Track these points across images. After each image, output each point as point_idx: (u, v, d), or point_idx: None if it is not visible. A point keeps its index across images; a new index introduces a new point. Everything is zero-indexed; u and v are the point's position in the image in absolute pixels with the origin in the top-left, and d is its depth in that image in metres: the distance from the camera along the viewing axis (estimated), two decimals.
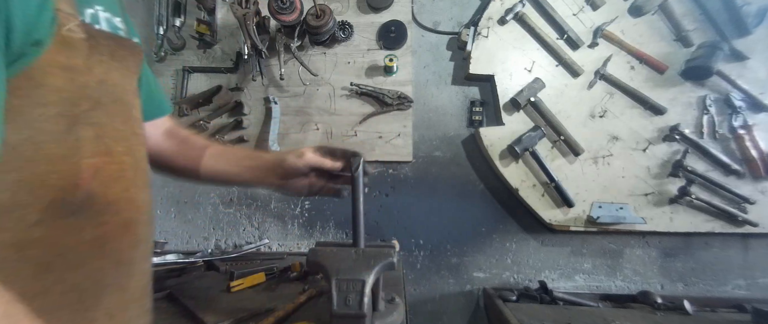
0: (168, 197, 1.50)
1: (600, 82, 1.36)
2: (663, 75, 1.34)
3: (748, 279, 1.39)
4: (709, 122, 1.33)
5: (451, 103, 1.47)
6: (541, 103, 1.36)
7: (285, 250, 1.48)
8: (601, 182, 1.36)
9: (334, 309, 0.50)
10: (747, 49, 1.30)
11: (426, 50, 1.47)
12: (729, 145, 1.33)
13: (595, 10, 1.36)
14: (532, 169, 1.37)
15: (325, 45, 1.44)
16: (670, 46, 1.35)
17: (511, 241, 1.45)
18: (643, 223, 1.33)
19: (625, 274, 1.42)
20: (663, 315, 1.15)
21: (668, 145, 1.35)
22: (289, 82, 1.45)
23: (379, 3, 1.42)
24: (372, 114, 1.42)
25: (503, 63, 1.38)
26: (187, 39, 1.45)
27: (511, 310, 1.14)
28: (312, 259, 0.57)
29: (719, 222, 1.34)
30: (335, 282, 0.52)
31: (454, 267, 1.45)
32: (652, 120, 1.35)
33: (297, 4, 1.28)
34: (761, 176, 1.31)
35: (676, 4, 1.33)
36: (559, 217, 1.37)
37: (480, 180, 1.45)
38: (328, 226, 1.49)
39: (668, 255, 1.41)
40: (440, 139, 1.47)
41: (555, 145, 1.37)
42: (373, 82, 1.43)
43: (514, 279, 1.44)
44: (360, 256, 0.57)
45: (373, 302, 0.69)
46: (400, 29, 1.41)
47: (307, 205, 1.49)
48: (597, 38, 1.35)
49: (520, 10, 1.35)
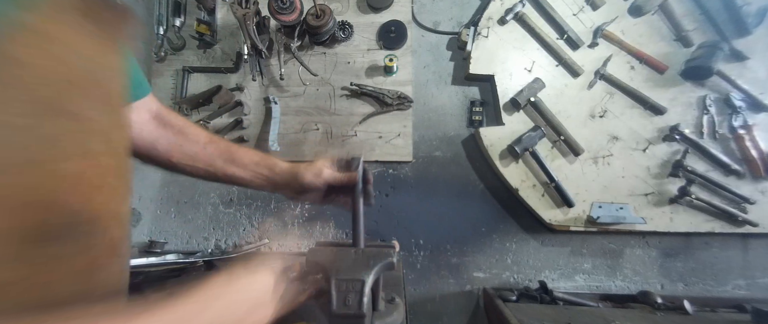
0: (168, 197, 1.50)
1: (600, 82, 1.36)
2: (663, 75, 1.34)
3: (748, 279, 1.39)
4: (709, 122, 1.33)
5: (451, 103, 1.47)
6: (541, 103, 1.35)
7: (285, 250, 1.48)
8: (601, 182, 1.36)
9: (334, 309, 0.50)
10: (747, 49, 1.30)
11: (426, 50, 1.47)
12: (729, 145, 1.33)
13: (595, 10, 1.36)
14: (532, 169, 1.37)
15: (325, 45, 1.44)
16: (670, 46, 1.35)
17: (511, 241, 1.45)
18: (643, 223, 1.33)
19: (625, 274, 1.42)
20: (663, 315, 1.14)
21: (668, 145, 1.35)
22: (289, 82, 1.45)
23: (379, 3, 1.42)
24: (372, 114, 1.42)
25: (503, 63, 1.38)
26: (187, 39, 1.45)
27: (511, 310, 1.14)
28: (311, 258, 0.57)
29: (719, 222, 1.34)
30: (334, 282, 0.51)
31: (454, 267, 1.45)
32: (652, 120, 1.35)
33: (297, 4, 1.28)
34: (761, 176, 1.31)
35: (676, 4, 1.33)
36: (559, 217, 1.37)
37: (480, 180, 1.45)
38: (328, 226, 1.49)
39: (668, 255, 1.41)
40: (440, 139, 1.47)
41: (555, 145, 1.37)
42: (373, 82, 1.43)
43: (514, 279, 1.44)
44: (360, 256, 0.57)
45: (373, 302, 0.68)
46: (400, 29, 1.41)
47: (307, 205, 1.49)
48: (597, 38, 1.34)
49: (520, 10, 1.35)
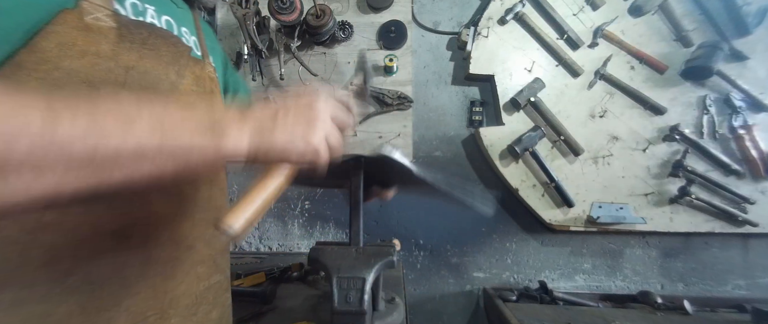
0: None
1: (600, 82, 1.36)
2: (663, 75, 1.34)
3: (748, 279, 1.39)
4: (709, 122, 1.33)
5: (451, 103, 1.47)
6: (541, 103, 1.36)
7: (285, 250, 1.48)
8: (601, 182, 1.36)
9: (335, 306, 0.50)
10: (747, 49, 1.31)
11: (426, 50, 1.48)
12: (729, 145, 1.34)
13: (595, 10, 1.36)
14: (532, 169, 1.37)
15: (325, 45, 1.44)
16: (670, 46, 1.35)
17: (511, 241, 1.45)
18: (643, 223, 1.33)
19: (625, 274, 1.42)
20: (663, 315, 1.14)
21: (668, 145, 1.35)
22: (289, 82, 1.45)
23: (379, 3, 1.42)
24: (372, 114, 1.43)
25: (503, 63, 1.39)
26: None
27: (511, 310, 1.14)
28: (313, 257, 0.57)
29: (719, 222, 1.34)
30: (336, 279, 0.52)
31: (454, 267, 1.45)
32: (652, 120, 1.35)
33: (297, 4, 1.28)
34: (761, 176, 1.31)
35: (676, 4, 1.33)
36: (559, 217, 1.37)
37: (480, 180, 1.45)
38: (328, 226, 1.49)
39: (668, 255, 1.41)
40: (440, 139, 1.47)
41: (555, 145, 1.37)
42: (373, 82, 1.43)
43: (514, 279, 1.44)
44: (361, 255, 0.57)
45: (374, 301, 0.69)
46: (400, 29, 1.42)
47: (307, 205, 1.49)
48: (597, 38, 1.35)
49: (520, 10, 1.36)
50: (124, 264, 0.42)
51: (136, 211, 0.43)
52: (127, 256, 0.42)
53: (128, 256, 0.43)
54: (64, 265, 0.38)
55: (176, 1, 0.56)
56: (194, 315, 0.51)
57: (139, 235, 0.43)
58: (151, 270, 0.45)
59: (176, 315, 0.48)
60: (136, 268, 0.43)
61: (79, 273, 0.39)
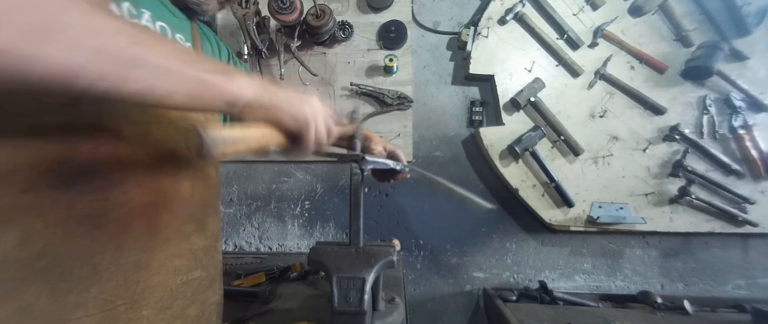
0: None
1: (600, 82, 1.36)
2: (663, 75, 1.34)
3: (748, 279, 1.39)
4: (709, 122, 1.33)
5: (451, 103, 1.47)
6: (541, 103, 1.36)
7: (285, 250, 1.48)
8: (601, 182, 1.36)
9: (335, 306, 0.50)
10: (747, 49, 1.31)
11: (426, 50, 1.48)
12: (729, 145, 1.34)
13: (595, 10, 1.36)
14: (532, 169, 1.37)
15: (325, 45, 1.44)
16: (670, 46, 1.35)
17: (511, 241, 1.45)
18: (643, 223, 1.33)
19: (625, 274, 1.42)
20: (663, 315, 1.15)
21: (668, 145, 1.35)
22: (289, 82, 1.45)
23: (379, 3, 1.42)
24: (372, 114, 1.43)
25: (503, 63, 1.38)
26: None
27: (511, 310, 1.14)
28: (313, 257, 0.57)
29: (719, 222, 1.34)
30: (336, 279, 0.52)
31: (454, 267, 1.45)
32: (652, 120, 1.35)
33: (297, 4, 1.28)
34: (761, 176, 1.31)
35: (676, 4, 1.33)
36: (559, 217, 1.37)
37: (480, 180, 1.45)
38: (328, 226, 1.49)
39: (668, 255, 1.41)
40: (440, 139, 1.47)
41: (555, 145, 1.37)
42: (373, 82, 1.43)
43: (514, 279, 1.44)
44: (361, 255, 0.57)
45: (373, 302, 0.69)
46: (400, 29, 1.42)
47: (308, 205, 1.49)
48: (597, 38, 1.35)
49: (520, 10, 1.36)
50: (96, 249, 0.42)
51: (112, 196, 0.43)
52: (100, 241, 0.42)
53: (101, 241, 0.42)
54: (36, 246, 0.38)
55: (174, 11, 0.57)
56: (168, 309, 0.50)
57: (113, 222, 0.43)
58: (123, 257, 0.44)
59: (148, 307, 0.47)
60: (108, 254, 0.43)
61: (50, 255, 0.39)
